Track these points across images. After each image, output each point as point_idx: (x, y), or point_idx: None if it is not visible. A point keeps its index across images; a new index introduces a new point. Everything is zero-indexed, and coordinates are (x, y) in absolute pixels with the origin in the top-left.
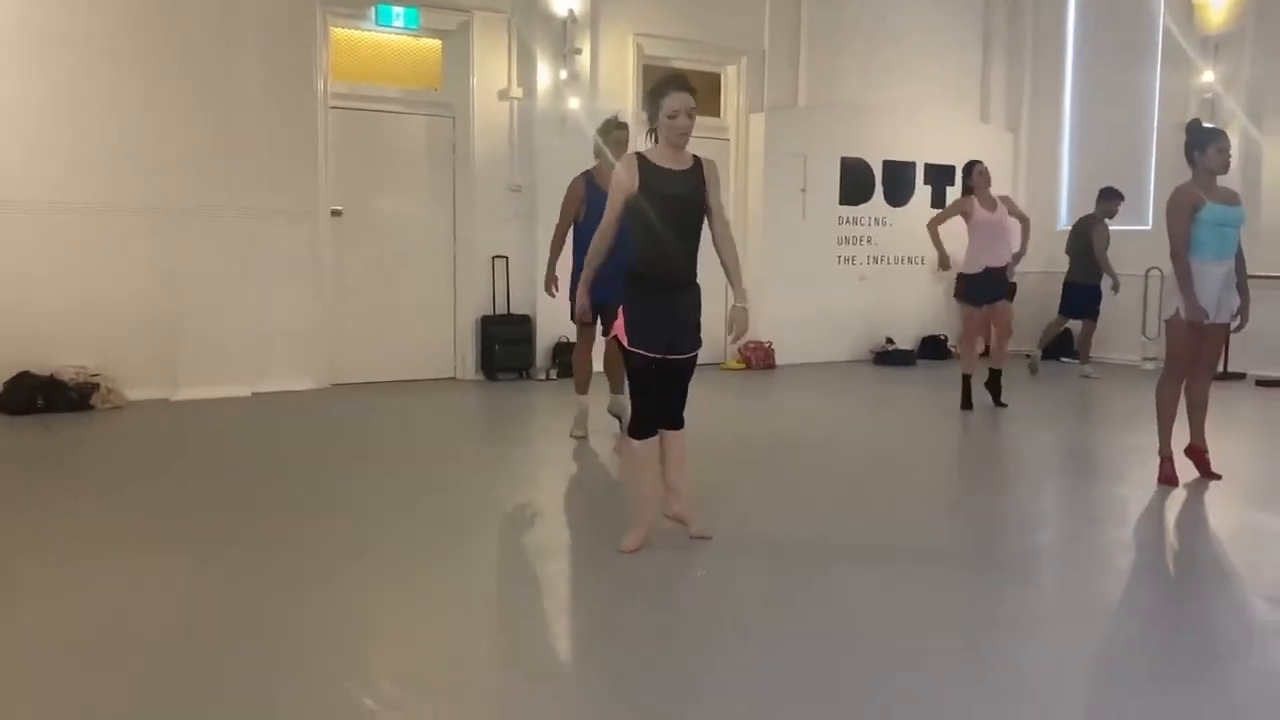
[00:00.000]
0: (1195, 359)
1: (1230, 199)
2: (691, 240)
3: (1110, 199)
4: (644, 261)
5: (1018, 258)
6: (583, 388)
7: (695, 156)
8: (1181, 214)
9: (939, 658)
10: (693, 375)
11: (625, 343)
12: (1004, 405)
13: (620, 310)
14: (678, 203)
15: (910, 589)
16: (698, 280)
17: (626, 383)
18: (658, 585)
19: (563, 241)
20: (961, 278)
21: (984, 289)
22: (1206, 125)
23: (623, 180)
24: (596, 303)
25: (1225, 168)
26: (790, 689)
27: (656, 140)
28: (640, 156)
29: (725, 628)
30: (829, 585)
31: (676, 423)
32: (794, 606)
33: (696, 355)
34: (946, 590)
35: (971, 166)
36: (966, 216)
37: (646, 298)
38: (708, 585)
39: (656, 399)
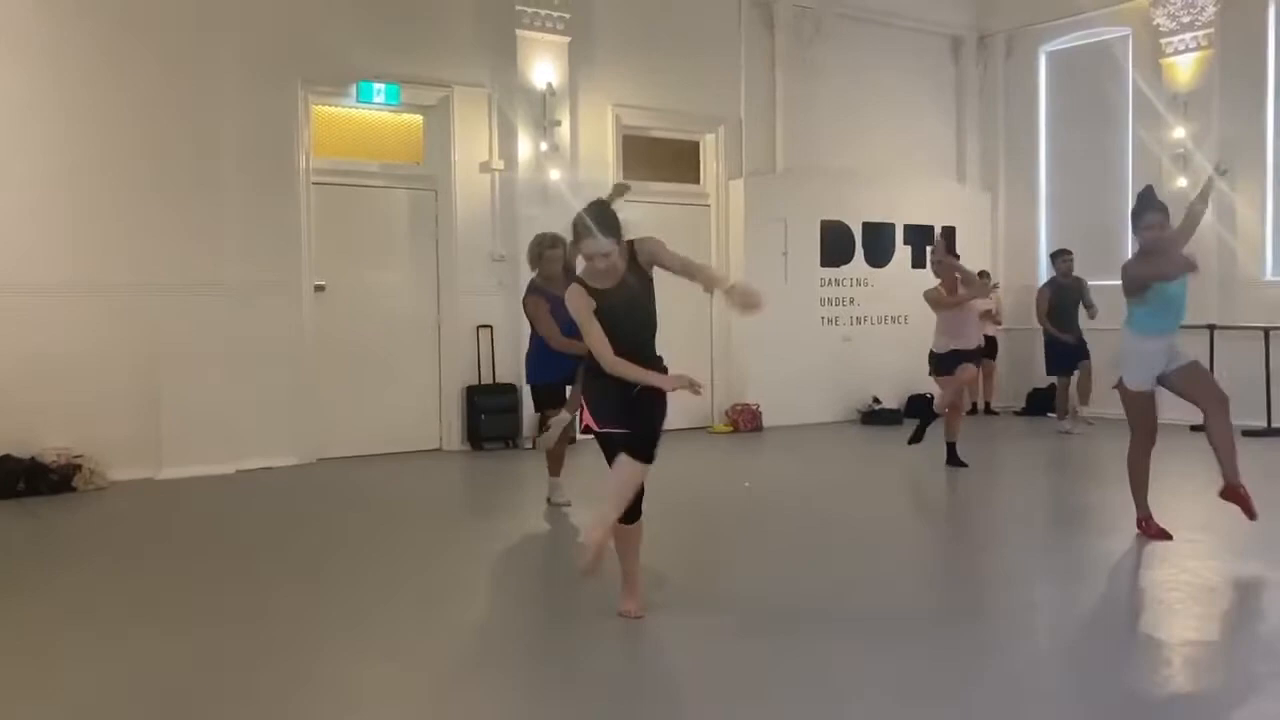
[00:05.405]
0: (1154, 423)
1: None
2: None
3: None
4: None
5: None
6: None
7: (629, 244)
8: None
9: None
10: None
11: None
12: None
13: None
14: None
15: (899, 650)
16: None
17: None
18: (650, 651)
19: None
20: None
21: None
22: (1151, 196)
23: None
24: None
25: (1151, 244)
26: None
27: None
28: (582, 282)
29: (722, 692)
30: (817, 648)
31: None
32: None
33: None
34: (934, 649)
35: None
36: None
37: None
38: (694, 650)
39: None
